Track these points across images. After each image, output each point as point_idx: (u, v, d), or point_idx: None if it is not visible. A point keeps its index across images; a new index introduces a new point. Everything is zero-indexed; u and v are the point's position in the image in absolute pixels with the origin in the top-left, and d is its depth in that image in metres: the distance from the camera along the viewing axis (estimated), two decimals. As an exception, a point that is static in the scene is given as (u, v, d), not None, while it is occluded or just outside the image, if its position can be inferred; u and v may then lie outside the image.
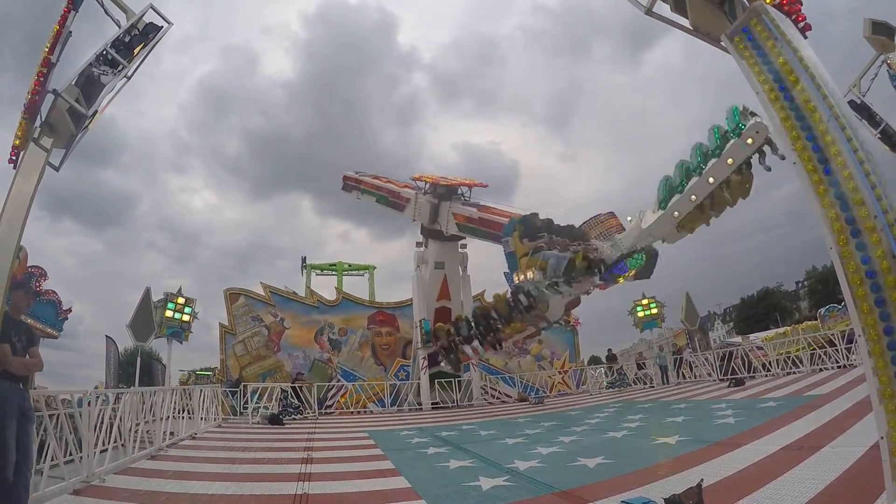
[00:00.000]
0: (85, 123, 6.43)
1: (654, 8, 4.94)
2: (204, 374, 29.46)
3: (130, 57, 7.04)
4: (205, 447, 10.28)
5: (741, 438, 6.93)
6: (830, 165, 3.58)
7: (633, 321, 24.82)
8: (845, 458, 4.93)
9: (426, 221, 22.65)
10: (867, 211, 3.37)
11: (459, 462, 7.32)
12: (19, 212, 5.37)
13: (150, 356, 28.41)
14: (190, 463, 8.28)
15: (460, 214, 21.65)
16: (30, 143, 5.76)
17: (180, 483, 6.58)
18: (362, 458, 8.38)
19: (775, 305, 64.73)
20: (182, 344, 18.74)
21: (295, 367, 22.99)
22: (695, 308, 24.48)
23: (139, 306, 16.80)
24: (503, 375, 25.15)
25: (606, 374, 23.76)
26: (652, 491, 4.52)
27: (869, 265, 3.31)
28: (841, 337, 17.35)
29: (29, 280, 18.69)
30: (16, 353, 4.84)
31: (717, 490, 4.43)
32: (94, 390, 7.35)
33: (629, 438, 8.46)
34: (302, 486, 6.11)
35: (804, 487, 4.26)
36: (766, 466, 5.19)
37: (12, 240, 5.22)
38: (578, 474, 5.91)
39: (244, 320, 23.14)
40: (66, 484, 5.99)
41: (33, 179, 5.63)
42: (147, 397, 9.98)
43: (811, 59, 3.97)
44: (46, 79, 6.06)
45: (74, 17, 6.58)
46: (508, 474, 6.16)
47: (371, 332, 25.34)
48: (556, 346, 27.98)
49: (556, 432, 10.04)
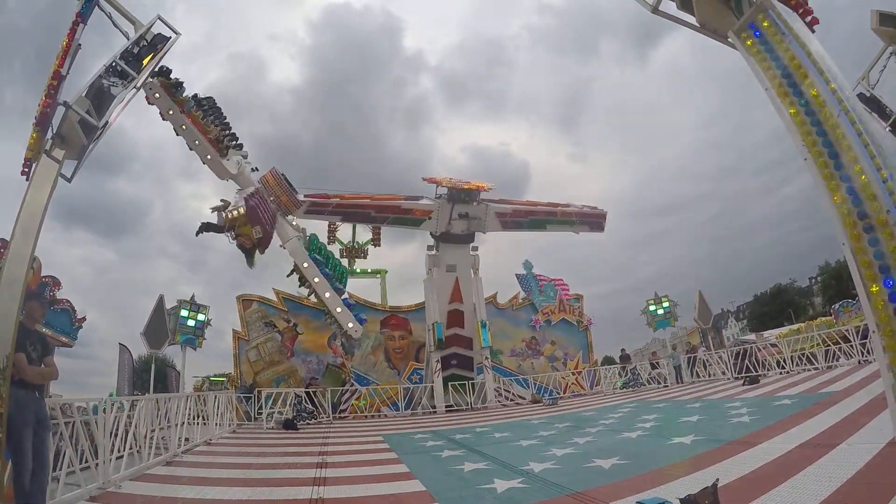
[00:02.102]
0: (96, 134, 6.49)
1: (660, 6, 4.93)
2: (218, 380, 29.55)
3: (140, 68, 7.11)
4: (220, 453, 10.34)
5: (756, 437, 6.87)
6: (842, 160, 3.56)
7: (646, 320, 24.76)
8: (861, 456, 4.88)
9: (450, 228, 23.27)
10: (880, 205, 3.34)
11: (474, 465, 7.30)
12: (33, 223, 5.43)
13: (163, 363, 28.58)
14: (205, 468, 8.33)
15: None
16: (42, 154, 5.82)
17: (196, 488, 6.62)
18: (377, 462, 8.39)
19: (789, 302, 64.37)
20: (196, 351, 18.88)
21: (308, 371, 23.03)
22: (708, 306, 24.40)
23: (153, 314, 16.94)
24: (517, 377, 25.07)
25: (620, 374, 23.64)
26: (667, 491, 4.49)
27: (883, 260, 3.28)
28: (856, 333, 17.17)
29: (43, 290, 18.83)
30: (31, 362, 4.90)
31: (733, 489, 4.40)
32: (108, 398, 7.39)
33: (644, 439, 8.41)
34: (317, 491, 6.12)
35: (820, 486, 4.22)
36: (782, 465, 5.15)
37: (27, 250, 5.28)
38: (593, 475, 5.89)
39: (257, 326, 23.19)
40: (82, 491, 6.05)
41: (46, 190, 5.70)
42: (162, 404, 10.04)
43: (819, 53, 3.95)
44: (57, 91, 6.12)
45: (83, 29, 6.66)
46: (523, 476, 6.15)
47: (384, 335, 25.37)
48: (569, 346, 27.91)
49: (570, 433, 10.00)
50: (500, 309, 27.10)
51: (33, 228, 5.40)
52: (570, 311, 28.33)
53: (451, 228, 23.24)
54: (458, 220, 23.08)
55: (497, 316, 26.31)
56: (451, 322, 22.72)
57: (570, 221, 26.56)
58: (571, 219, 26.53)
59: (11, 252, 5.21)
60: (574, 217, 26.58)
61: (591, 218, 27.14)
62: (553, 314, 27.97)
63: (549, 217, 26.21)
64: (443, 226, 23.16)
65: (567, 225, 26.65)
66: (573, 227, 26.73)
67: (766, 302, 66.62)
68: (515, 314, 27.58)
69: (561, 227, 26.72)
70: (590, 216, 27.14)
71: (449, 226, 23.16)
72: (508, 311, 27.46)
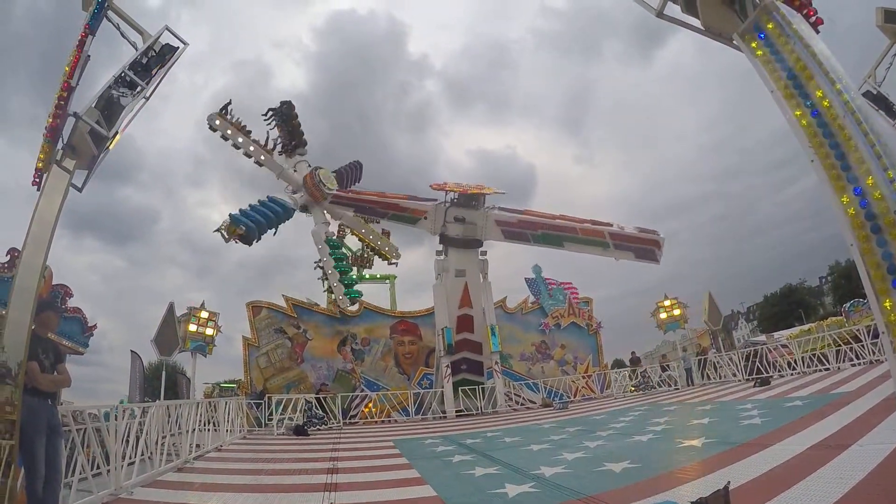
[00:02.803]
0: (106, 144, 6.56)
1: (664, 10, 4.94)
2: (228, 386, 29.63)
3: (148, 78, 7.18)
4: (231, 459, 10.38)
5: (768, 439, 6.84)
6: (848, 161, 3.55)
7: (655, 323, 24.65)
8: (874, 456, 4.85)
9: (452, 232, 23.31)
10: (888, 206, 3.34)
11: (485, 469, 7.30)
12: (44, 232, 5.50)
13: (174, 370, 28.71)
14: (216, 475, 8.37)
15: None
16: (52, 165, 5.89)
17: (207, 494, 6.66)
18: (388, 468, 8.40)
19: (799, 302, 63.96)
20: (206, 357, 18.97)
21: (318, 377, 23.07)
22: (718, 308, 24.24)
23: (163, 321, 17.04)
24: (526, 381, 25.04)
25: (630, 377, 23.55)
26: (679, 494, 4.49)
27: (891, 261, 3.28)
28: (867, 332, 17.05)
29: (55, 298, 18.99)
30: (44, 370, 4.95)
31: (745, 492, 4.39)
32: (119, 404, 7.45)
33: (655, 442, 8.38)
34: (328, 496, 6.14)
35: (832, 487, 4.20)
36: (794, 467, 5.13)
37: (38, 260, 5.34)
38: (605, 479, 5.88)
39: (267, 332, 23.26)
40: (94, 497, 6.09)
41: (57, 201, 5.76)
42: (173, 410, 10.09)
43: (824, 54, 3.94)
44: (67, 102, 6.20)
45: (92, 41, 6.74)
46: (534, 481, 6.14)
47: (394, 341, 25.38)
48: (579, 350, 27.86)
49: (581, 437, 9.97)
50: (509, 313, 27.08)
51: (45, 238, 5.46)
52: (580, 315, 28.28)
53: (445, 230, 23.32)
54: (453, 224, 23.15)
55: (506, 320, 26.28)
56: (461, 327, 22.70)
57: (602, 244, 23.53)
58: (603, 240, 23.48)
59: (23, 262, 5.27)
60: (608, 239, 23.48)
61: (635, 243, 23.70)
62: (562, 318, 27.93)
63: (568, 234, 23.82)
64: (437, 227, 23.31)
65: (598, 247, 23.67)
66: (607, 252, 23.58)
67: (777, 302, 66.21)
68: (525, 318, 27.55)
69: (586, 248, 23.84)
70: (633, 241, 23.68)
71: (443, 227, 23.27)
72: (518, 316, 27.43)
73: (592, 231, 23.72)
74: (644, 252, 23.66)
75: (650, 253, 23.62)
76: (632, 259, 23.73)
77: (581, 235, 23.72)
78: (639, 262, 23.83)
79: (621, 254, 23.50)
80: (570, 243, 23.84)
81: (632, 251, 23.66)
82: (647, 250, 23.62)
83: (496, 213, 24.08)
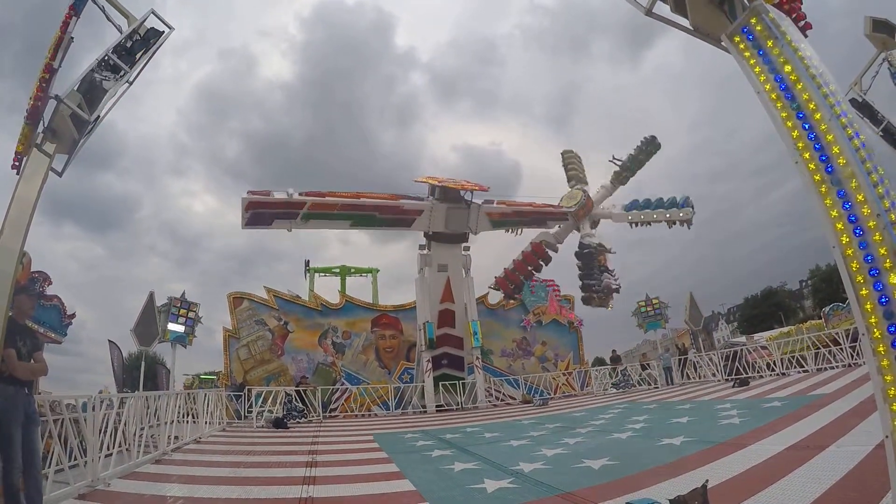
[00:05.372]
0: (87, 129, 6.44)
1: (653, 8, 4.93)
2: (208, 378, 29.47)
3: (132, 62, 7.06)
4: (209, 451, 10.30)
5: (746, 439, 6.91)
6: (832, 164, 3.57)
7: (636, 322, 24.82)
8: (851, 458, 4.92)
9: (441, 227, 23.07)
10: (870, 209, 3.37)
11: (464, 464, 7.30)
12: (23, 217, 5.38)
13: (153, 360, 28.47)
14: (195, 467, 8.29)
15: (495, 212, 24.05)
16: (32, 148, 5.77)
17: (185, 487, 6.60)
18: (367, 462, 8.37)
19: (779, 305, 64.61)
20: (186, 348, 18.80)
21: (299, 370, 23.01)
22: (698, 308, 24.50)
23: (143, 311, 16.86)
24: (507, 377, 25.15)
25: (611, 375, 23.73)
26: (657, 492, 4.51)
27: (872, 263, 3.31)
28: (845, 336, 17.30)
29: (33, 285, 18.71)
30: (21, 357, 4.84)
31: (723, 491, 4.42)
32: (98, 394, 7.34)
33: (634, 439, 8.43)
34: (307, 490, 6.11)
35: (810, 487, 4.25)
36: (772, 466, 5.18)
37: (16, 245, 5.22)
38: (583, 476, 5.90)
39: (248, 324, 23.17)
40: (71, 489, 6.00)
41: (36, 185, 5.64)
42: (151, 401, 9.98)
43: (812, 59, 3.96)
44: (49, 84, 6.07)
45: (76, 22, 6.60)
46: (513, 476, 6.16)
47: (375, 335, 25.37)
48: (560, 347, 28.03)
49: (560, 434, 10.02)
50: (491, 309, 27.18)
51: (23, 223, 5.34)
52: (561, 312, 28.40)
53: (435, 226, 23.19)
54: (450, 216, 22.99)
55: (488, 316, 26.38)
56: (442, 322, 22.70)
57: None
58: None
59: (1, 246, 5.16)
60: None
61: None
62: (544, 315, 28.07)
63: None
64: (436, 225, 23.11)
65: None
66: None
67: (757, 304, 66.84)
68: (506, 314, 27.68)
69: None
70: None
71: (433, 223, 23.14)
72: (499, 312, 27.55)
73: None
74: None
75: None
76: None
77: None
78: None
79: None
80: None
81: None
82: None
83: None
